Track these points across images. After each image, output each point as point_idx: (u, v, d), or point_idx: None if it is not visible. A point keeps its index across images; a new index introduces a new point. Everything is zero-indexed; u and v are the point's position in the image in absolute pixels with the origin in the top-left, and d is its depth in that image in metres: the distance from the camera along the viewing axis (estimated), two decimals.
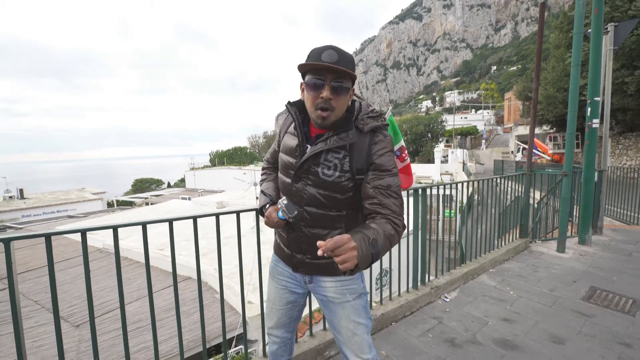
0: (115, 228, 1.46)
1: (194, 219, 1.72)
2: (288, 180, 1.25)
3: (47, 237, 1.25)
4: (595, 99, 4.21)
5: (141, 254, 7.09)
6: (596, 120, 4.25)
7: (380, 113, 1.26)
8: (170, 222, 1.64)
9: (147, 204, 25.53)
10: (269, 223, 1.30)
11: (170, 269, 6.36)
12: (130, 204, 28.27)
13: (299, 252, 1.30)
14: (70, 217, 16.46)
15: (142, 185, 44.42)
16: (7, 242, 1.15)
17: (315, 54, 1.09)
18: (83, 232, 1.38)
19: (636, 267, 3.76)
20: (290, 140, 1.26)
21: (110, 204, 27.91)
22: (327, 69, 1.06)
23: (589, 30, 4.28)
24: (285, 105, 1.28)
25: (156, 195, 29.85)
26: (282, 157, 1.29)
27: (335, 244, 0.87)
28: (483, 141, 40.88)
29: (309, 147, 1.19)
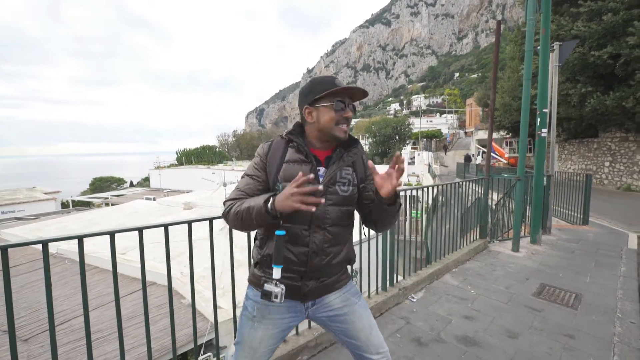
0: (80, 238, 1.39)
1: (166, 226, 1.68)
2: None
3: (4, 249, 1.16)
4: (544, 110, 4.62)
5: (101, 259, 6.67)
6: (545, 130, 4.67)
7: None
8: (140, 230, 1.59)
9: (107, 204, 23.96)
10: (299, 192, 1.05)
11: (132, 274, 6.09)
12: (88, 205, 26.39)
13: (317, 277, 1.26)
14: (17, 219, 15.01)
15: (102, 185, 41.61)
16: None
17: (328, 80, 1.21)
18: (45, 243, 1.29)
19: (578, 264, 4.18)
20: (297, 168, 1.20)
21: (65, 205, 25.82)
22: (346, 93, 1.21)
23: (539, 47, 4.69)
24: (286, 136, 1.25)
25: (117, 195, 28.12)
26: None
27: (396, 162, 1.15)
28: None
29: (321, 169, 1.23)
